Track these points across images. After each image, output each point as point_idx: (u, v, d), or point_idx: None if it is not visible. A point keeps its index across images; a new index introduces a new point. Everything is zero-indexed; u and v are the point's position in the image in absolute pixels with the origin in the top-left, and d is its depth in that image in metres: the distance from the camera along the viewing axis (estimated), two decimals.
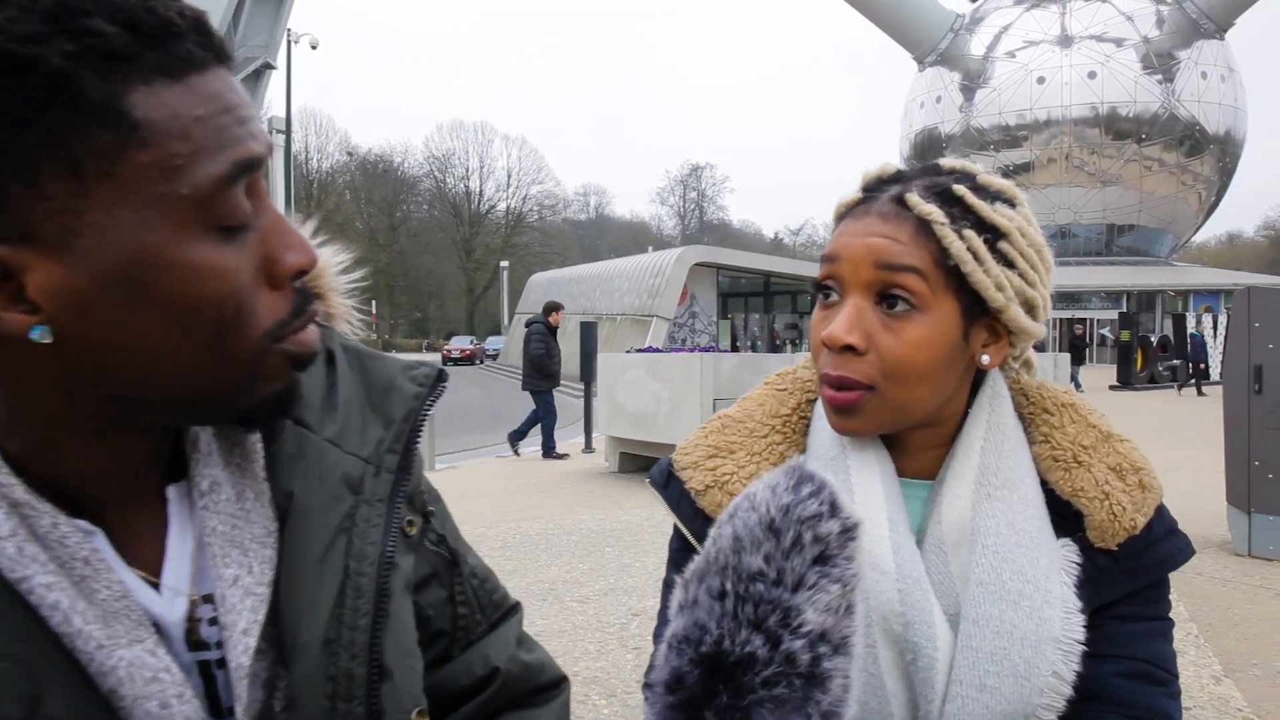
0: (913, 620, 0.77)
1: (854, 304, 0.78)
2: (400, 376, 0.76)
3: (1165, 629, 0.83)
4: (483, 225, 69.38)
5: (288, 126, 20.05)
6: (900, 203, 0.79)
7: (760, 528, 0.57)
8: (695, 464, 0.88)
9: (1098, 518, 0.80)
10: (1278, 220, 69.82)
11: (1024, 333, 0.82)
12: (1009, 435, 0.83)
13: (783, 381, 0.93)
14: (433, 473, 9.39)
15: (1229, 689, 3.18)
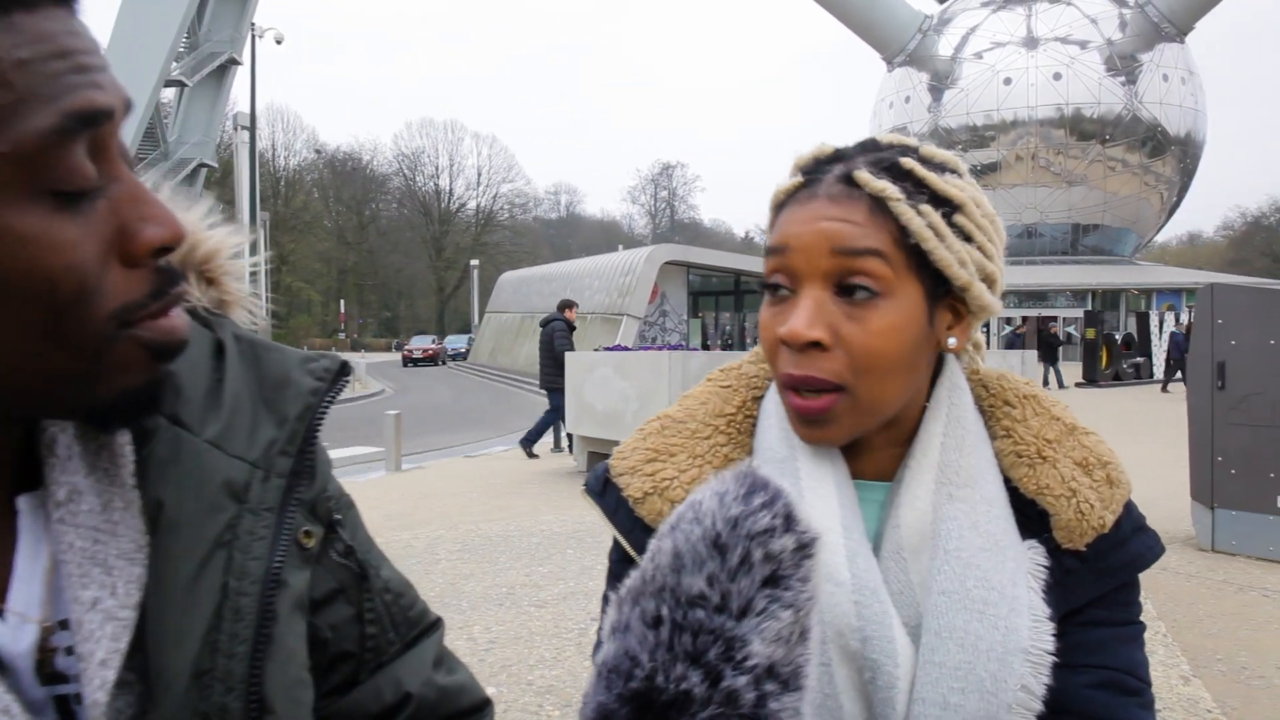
0: (870, 635, 0.70)
1: (812, 296, 0.71)
2: (297, 370, 0.68)
3: (1136, 634, 0.77)
4: (453, 224, 68.92)
5: (252, 122, 19.72)
6: (849, 182, 0.72)
7: (704, 544, 0.50)
8: (633, 469, 0.80)
9: (1064, 516, 0.74)
10: (1236, 221, 71.28)
11: (985, 310, 0.76)
12: (970, 430, 0.77)
13: (727, 378, 0.86)
14: (399, 473, 9.27)
15: (1198, 689, 3.17)
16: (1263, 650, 3.77)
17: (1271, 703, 3.25)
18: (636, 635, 0.49)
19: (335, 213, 66.87)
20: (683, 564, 0.50)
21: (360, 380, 27.00)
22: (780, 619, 0.49)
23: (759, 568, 0.49)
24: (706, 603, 0.48)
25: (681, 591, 0.49)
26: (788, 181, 0.77)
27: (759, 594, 0.49)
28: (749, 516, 0.50)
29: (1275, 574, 4.91)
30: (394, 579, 0.75)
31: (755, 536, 0.50)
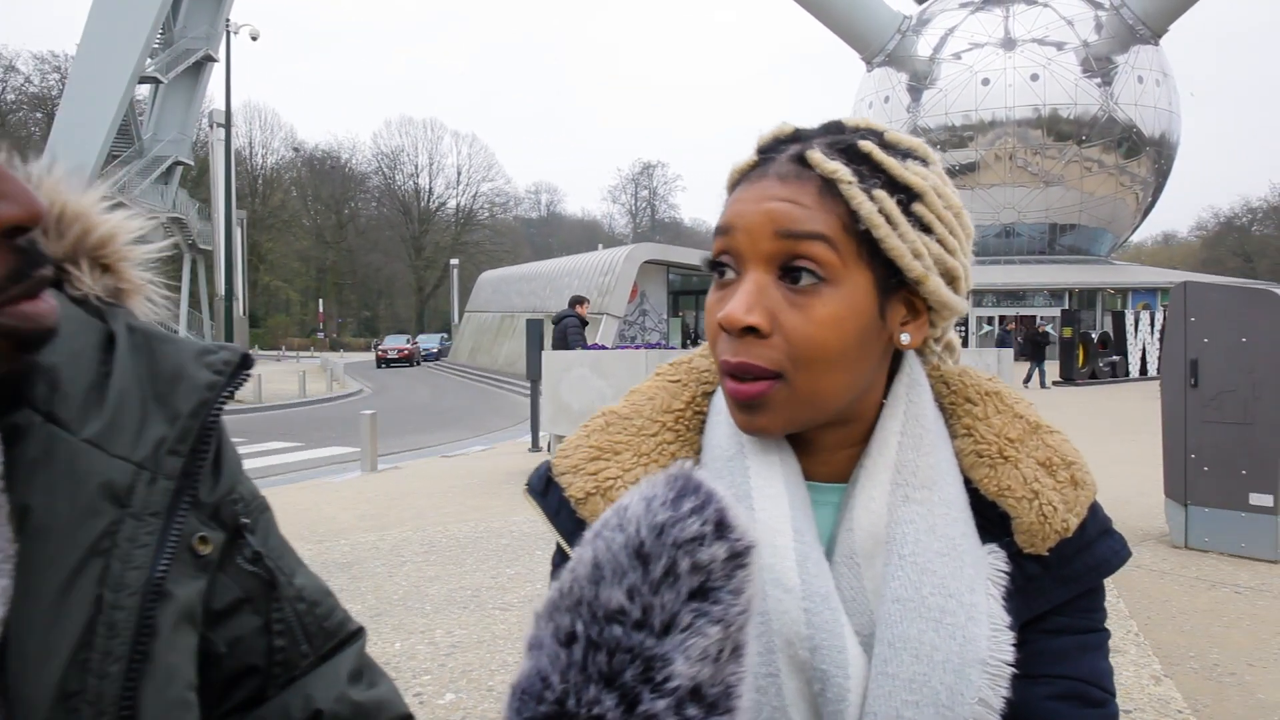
0: (821, 644, 0.66)
1: (753, 280, 0.67)
2: (193, 363, 0.63)
3: (1101, 641, 0.73)
4: (432, 223, 68.58)
5: (227, 119, 19.50)
6: (801, 162, 0.68)
7: (626, 553, 0.46)
8: (576, 468, 0.76)
9: (1026, 520, 0.70)
10: (1209, 221, 72.15)
11: (945, 307, 0.72)
12: (928, 428, 0.72)
13: (675, 372, 0.81)
14: (375, 474, 9.18)
15: (1169, 689, 3.16)
16: (1234, 647, 3.78)
17: (1242, 700, 3.25)
18: (549, 654, 0.45)
19: (314, 211, 66.37)
20: (601, 575, 0.46)
21: (338, 380, 26.79)
22: (708, 635, 0.44)
23: (685, 579, 0.45)
24: (626, 618, 0.44)
25: (599, 605, 0.45)
26: (743, 161, 0.73)
27: (685, 608, 0.45)
28: (677, 523, 0.46)
29: (1247, 570, 4.94)
30: (309, 587, 0.70)
31: (682, 545, 0.46)
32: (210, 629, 0.61)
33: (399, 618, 4.16)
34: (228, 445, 0.68)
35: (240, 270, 35.69)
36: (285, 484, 8.82)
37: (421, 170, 68.41)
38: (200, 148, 41.69)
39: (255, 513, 0.68)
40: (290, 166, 65.69)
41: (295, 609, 0.68)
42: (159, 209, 35.30)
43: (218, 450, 0.66)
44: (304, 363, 38.89)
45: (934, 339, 0.78)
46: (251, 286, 50.67)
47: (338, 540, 5.79)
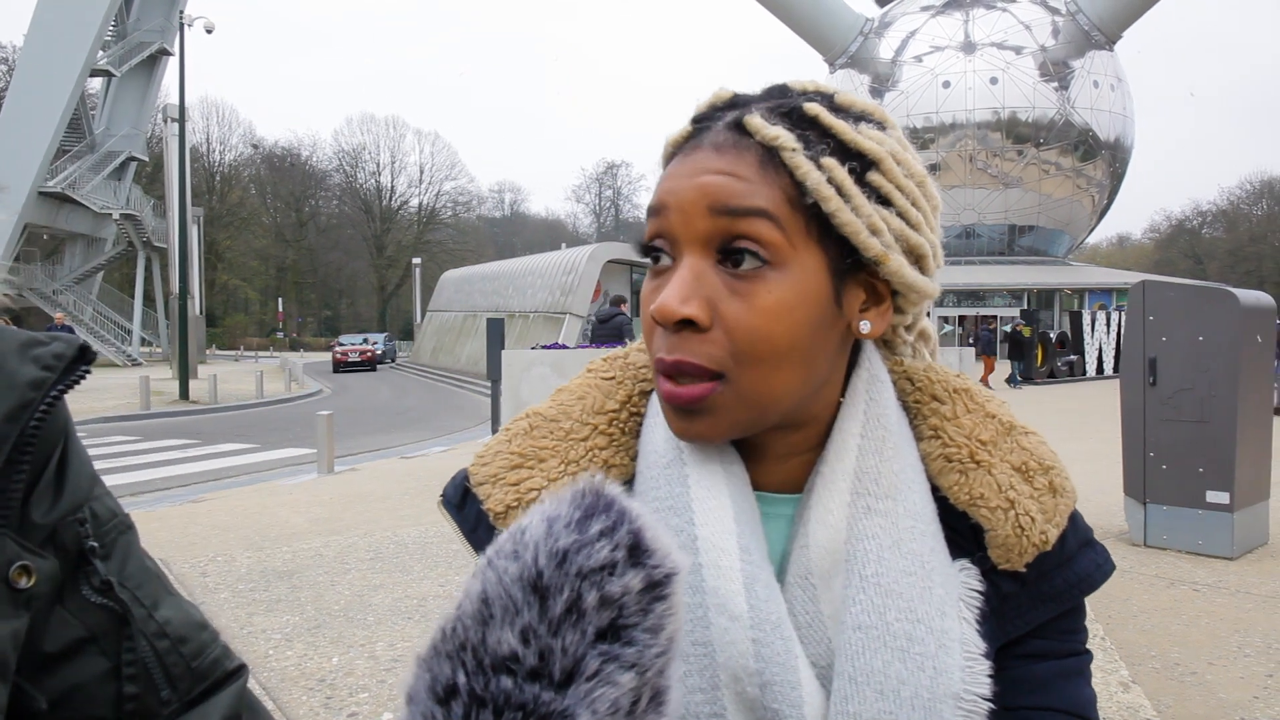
0: (772, 680, 0.57)
1: (689, 265, 0.58)
2: (15, 356, 0.53)
3: (1083, 666, 0.66)
4: (395, 221, 67.83)
5: (181, 114, 19.03)
6: (739, 129, 0.59)
7: (520, 586, 0.38)
8: (495, 477, 0.66)
9: (1001, 532, 0.62)
10: (1162, 224, 73.81)
11: (911, 290, 0.63)
12: (891, 430, 0.64)
13: (609, 369, 0.72)
14: (331, 476, 8.97)
15: (1137, 696, 3.13)
16: (1193, 645, 3.78)
17: (1202, 699, 3.24)
18: (423, 711, 0.38)
19: (273, 209, 65.32)
20: (490, 614, 0.38)
21: (297, 380, 26.32)
22: (618, 684, 0.37)
23: (592, 616, 0.38)
24: (519, 666, 0.37)
25: (486, 651, 0.38)
26: (676, 132, 0.64)
27: (591, 652, 0.37)
28: (582, 549, 0.39)
29: (1204, 568, 4.97)
30: (175, 620, 0.59)
31: (588, 575, 0.38)
32: (35, 678, 0.51)
33: (338, 630, 4.01)
34: (75, 456, 0.57)
35: (197, 268, 34.99)
36: (237, 487, 8.59)
37: (384, 168, 67.68)
38: (155, 143, 40.84)
39: (110, 534, 0.57)
40: (249, 163, 64.59)
41: (155, 647, 0.57)
42: (111, 205, 34.48)
43: (61, 462, 0.55)
44: (262, 363, 38.13)
45: (904, 326, 0.69)
46: (209, 285, 49.68)
47: (279, 547, 5.61)
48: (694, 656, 0.57)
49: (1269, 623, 4.04)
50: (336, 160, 67.88)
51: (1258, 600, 4.37)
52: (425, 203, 68.72)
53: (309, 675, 3.49)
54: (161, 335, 37.98)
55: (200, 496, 7.78)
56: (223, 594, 4.60)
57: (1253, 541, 5.35)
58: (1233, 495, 5.13)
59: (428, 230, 67.48)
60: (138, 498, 8.22)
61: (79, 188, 33.32)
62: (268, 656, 3.70)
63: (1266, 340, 5.60)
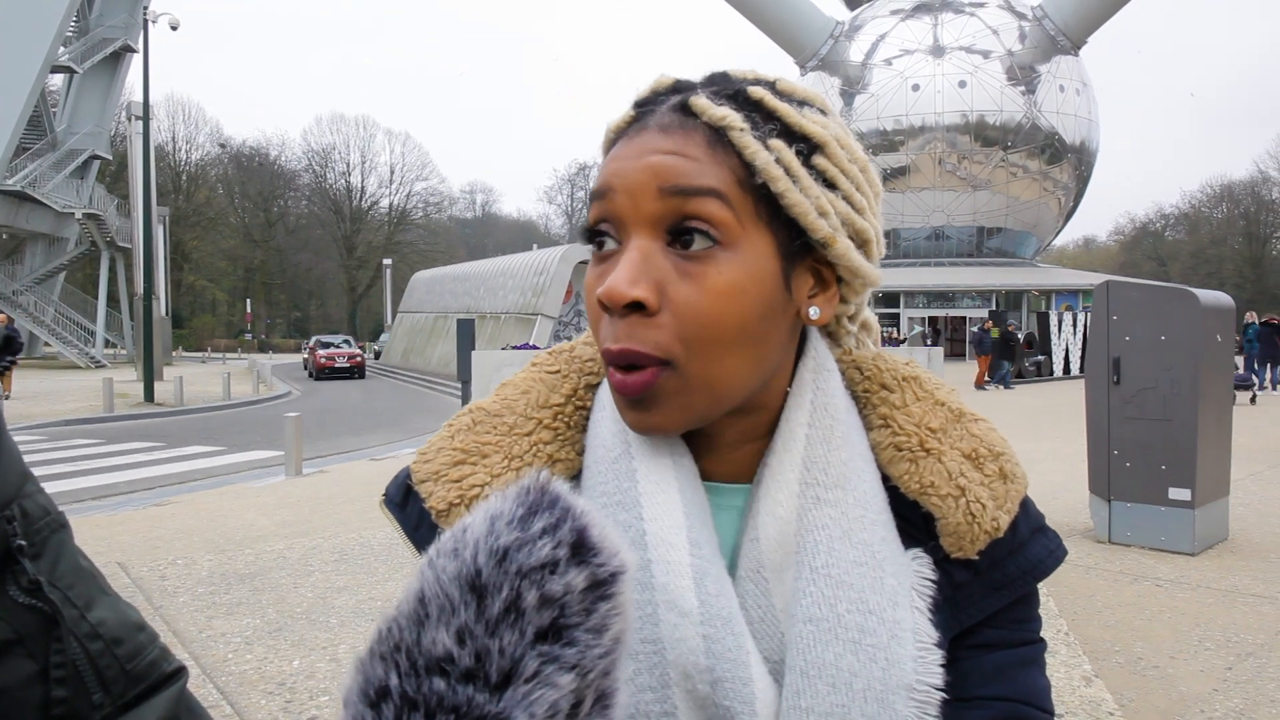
0: (723, 676, 0.56)
1: (637, 247, 0.57)
2: None
3: (1037, 654, 0.65)
4: (365, 222, 67.22)
5: (145, 112, 18.72)
6: (684, 110, 0.59)
7: (458, 585, 0.37)
8: (437, 474, 0.65)
9: (952, 520, 0.61)
10: (1126, 227, 75.03)
11: (857, 275, 0.63)
12: (839, 419, 0.63)
13: (554, 362, 0.70)
14: (299, 478, 8.87)
15: (1099, 690, 3.18)
16: (1156, 640, 3.83)
17: (1165, 692, 3.28)
18: (353, 715, 0.36)
19: (241, 209, 64.50)
20: (426, 614, 0.37)
21: (265, 382, 25.99)
22: (557, 686, 0.36)
23: (532, 616, 0.37)
24: (453, 667, 0.36)
25: (420, 652, 0.36)
26: (618, 118, 0.63)
27: (530, 653, 0.36)
28: (523, 546, 0.38)
29: (1166, 563, 5.04)
30: (110, 621, 0.57)
31: (528, 574, 0.37)
32: None
33: (300, 632, 3.96)
34: (4, 452, 0.55)
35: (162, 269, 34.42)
36: (203, 490, 8.46)
37: (354, 168, 67.03)
38: (119, 141, 40.16)
39: (41, 533, 0.55)
40: (216, 163, 63.71)
41: (88, 649, 0.55)
42: (74, 204, 33.85)
43: None
44: (230, 364, 37.58)
45: (847, 316, 0.69)
46: (175, 286, 48.93)
47: (241, 550, 5.53)
48: (643, 654, 0.56)
49: (1228, 617, 4.11)
50: (306, 160, 67.21)
51: (1218, 595, 4.45)
52: (396, 203, 68.23)
53: (269, 679, 3.44)
54: (126, 337, 37.34)
55: (165, 499, 7.65)
56: (182, 597, 4.53)
57: (1213, 537, 5.44)
58: (1194, 492, 5.22)
59: (398, 231, 66.96)
60: (100, 501, 8.07)
61: (40, 186, 32.66)
62: (227, 660, 3.64)
63: (1226, 339, 5.71)
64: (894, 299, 39.43)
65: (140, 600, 4.40)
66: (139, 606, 4.27)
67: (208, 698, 3.25)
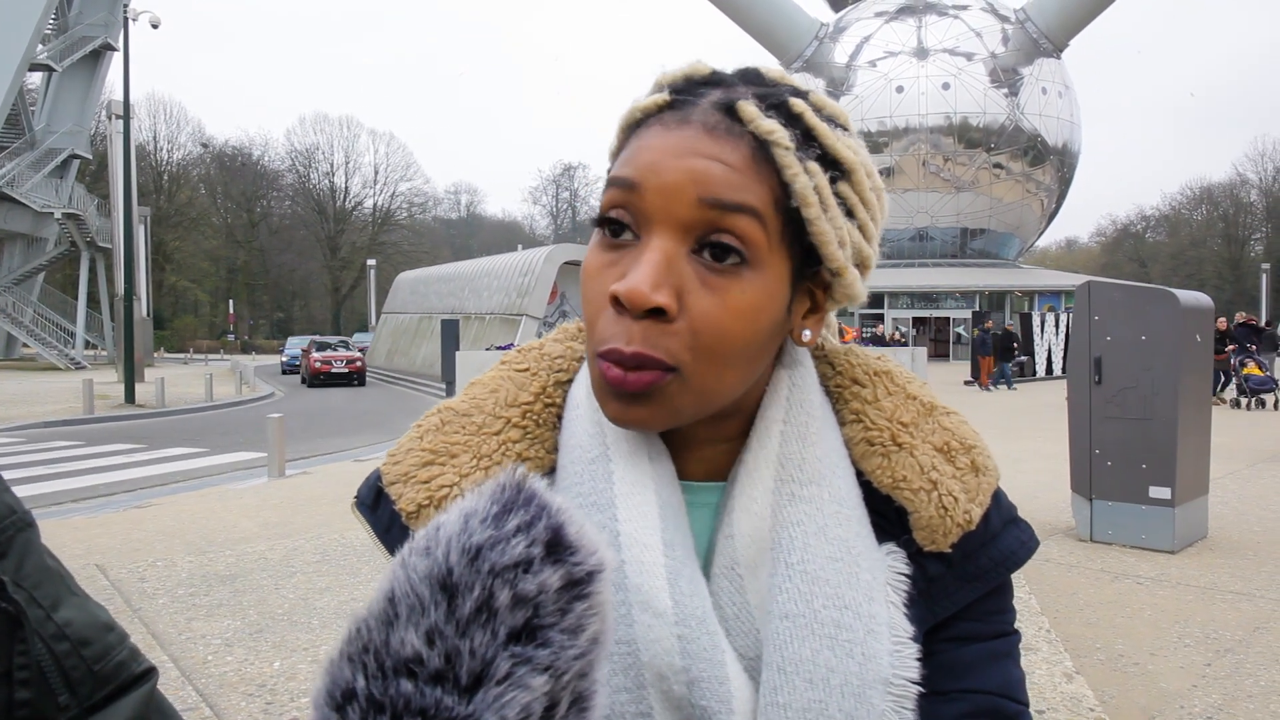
0: (699, 676, 0.56)
1: (662, 249, 0.55)
2: None
3: (1011, 647, 0.65)
4: (349, 222, 66.87)
5: (125, 110, 18.56)
6: (730, 114, 0.56)
7: (428, 585, 0.36)
8: (406, 476, 0.64)
9: (925, 513, 0.62)
10: (1108, 228, 75.71)
11: (849, 300, 0.63)
12: (814, 415, 0.63)
13: (523, 360, 0.70)
14: (282, 479, 8.81)
15: (1080, 687, 3.20)
16: (1136, 637, 3.86)
17: (1145, 689, 3.31)
18: (319, 718, 0.35)
19: (224, 209, 64.05)
20: (396, 613, 0.36)
21: (248, 383, 25.82)
22: (530, 688, 0.35)
23: (505, 616, 0.35)
24: (421, 669, 0.35)
25: (388, 654, 0.35)
26: (648, 98, 0.60)
27: (502, 654, 0.35)
28: (497, 544, 0.36)
29: (1147, 561, 5.08)
30: (78, 622, 0.56)
31: (501, 572, 0.36)
32: None
33: (281, 634, 3.94)
34: None
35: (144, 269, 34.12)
36: (185, 492, 8.39)
37: (337, 169, 66.67)
38: (99, 141, 39.75)
39: (6, 532, 0.55)
40: (198, 162, 63.21)
41: (53, 650, 0.54)
42: (53, 204, 33.51)
43: None
44: (213, 365, 37.24)
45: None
46: (156, 287, 48.47)
47: (222, 551, 5.49)
48: (618, 655, 0.56)
49: (1207, 614, 4.15)
50: (289, 160, 66.80)
51: (1197, 592, 4.49)
52: (380, 204, 67.94)
53: (249, 680, 3.41)
54: (106, 338, 37.01)
55: (146, 502, 7.58)
56: (161, 599, 4.49)
57: (1193, 535, 5.49)
58: (1174, 490, 5.26)
59: (382, 231, 66.67)
60: (81, 503, 7.99)
61: (18, 185, 32.31)
62: (206, 662, 3.61)
63: (1205, 339, 5.76)
64: (878, 300, 39.58)
65: (119, 602, 4.36)
66: (117, 609, 4.27)
67: (186, 700, 3.22)
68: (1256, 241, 61.00)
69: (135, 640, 2.40)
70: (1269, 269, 43.97)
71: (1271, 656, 3.60)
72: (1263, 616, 4.10)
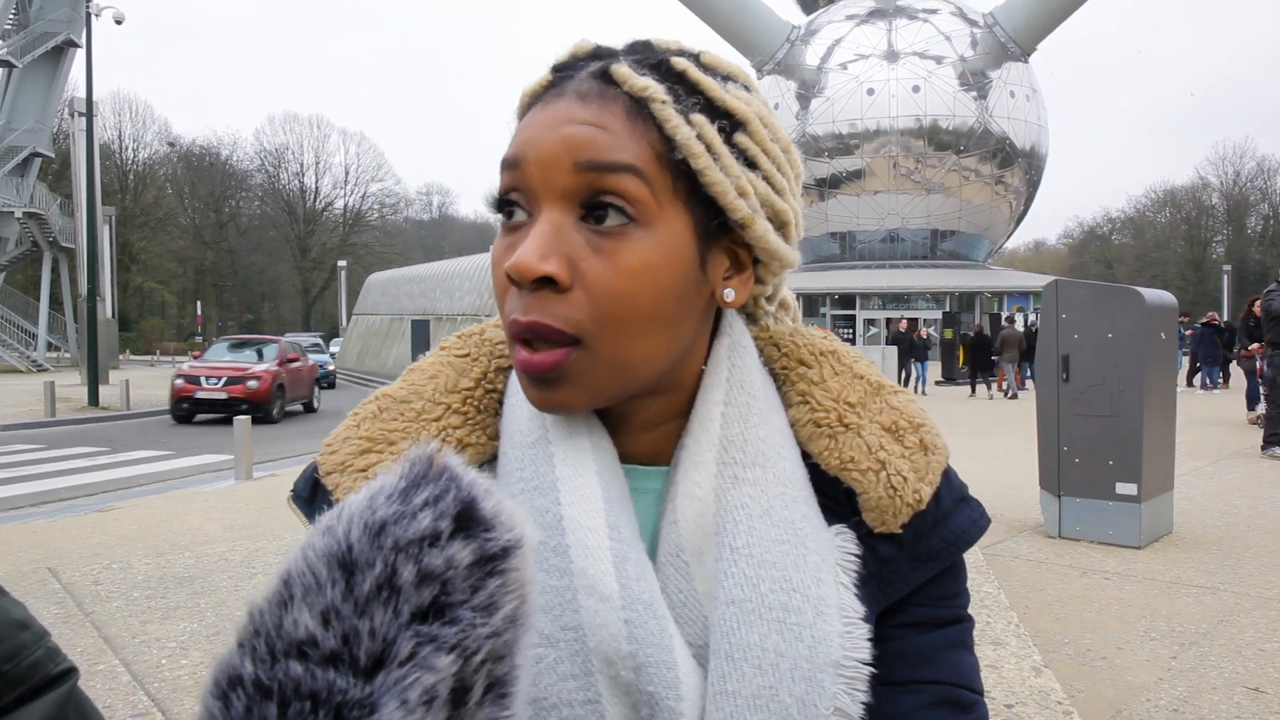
0: (646, 661, 0.54)
1: (549, 220, 0.55)
2: None
3: (965, 634, 0.65)
4: (319, 223, 66.21)
5: (89, 108, 18.24)
6: (604, 78, 0.56)
7: (326, 563, 0.33)
8: (343, 465, 0.62)
9: (874, 494, 0.61)
10: (1075, 230, 76.88)
11: (774, 258, 0.62)
12: (756, 396, 0.62)
13: (464, 345, 0.68)
14: (249, 482, 8.68)
15: (1049, 680, 3.21)
16: (1104, 631, 3.89)
17: (1113, 682, 3.33)
18: (205, 709, 0.32)
19: (191, 210, 63.13)
20: (290, 594, 0.33)
21: None
22: (435, 669, 0.32)
23: (409, 594, 0.33)
24: (314, 651, 0.32)
25: (279, 636, 0.32)
26: (534, 82, 0.60)
27: (405, 634, 0.32)
28: (401, 519, 0.34)
29: (1114, 557, 5.14)
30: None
31: (406, 548, 0.33)
32: None
33: None
34: None
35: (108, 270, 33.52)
36: (149, 495, 8.24)
37: (308, 169, 65.95)
38: (62, 139, 39.03)
39: None
40: (165, 162, 62.25)
41: None
42: (13, 203, 32.86)
43: None
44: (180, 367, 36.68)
45: (765, 297, 0.68)
46: (122, 288, 47.73)
47: (182, 553, 5.39)
48: (564, 642, 0.55)
49: (1172, 608, 4.19)
50: (258, 160, 65.96)
51: (1162, 586, 4.54)
52: (351, 204, 67.29)
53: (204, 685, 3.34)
54: (70, 340, 36.31)
55: (108, 506, 7.43)
56: (115, 602, 4.38)
57: (1159, 531, 5.56)
58: (1140, 486, 5.32)
59: (353, 232, 66.08)
60: (40, 508, 7.81)
61: None
62: (160, 666, 3.53)
63: (1170, 336, 5.84)
64: (850, 301, 39.87)
65: (70, 606, 4.25)
66: (69, 613, 4.18)
67: (138, 705, 3.15)
68: (1218, 243, 62.19)
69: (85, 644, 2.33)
70: (1230, 270, 44.83)
71: (1234, 649, 3.65)
72: (1226, 609, 4.16)
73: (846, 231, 41.73)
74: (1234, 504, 6.60)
